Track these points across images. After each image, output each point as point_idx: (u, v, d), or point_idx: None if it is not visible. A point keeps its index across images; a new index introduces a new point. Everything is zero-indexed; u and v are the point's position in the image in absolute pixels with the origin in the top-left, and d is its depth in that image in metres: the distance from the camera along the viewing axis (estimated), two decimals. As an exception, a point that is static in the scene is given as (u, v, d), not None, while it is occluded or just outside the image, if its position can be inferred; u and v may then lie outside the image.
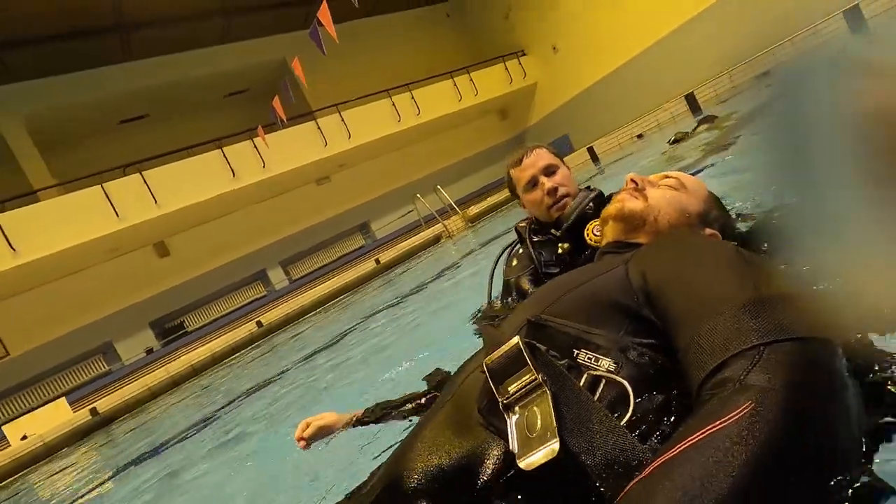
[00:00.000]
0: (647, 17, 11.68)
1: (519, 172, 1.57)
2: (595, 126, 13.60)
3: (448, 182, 15.40)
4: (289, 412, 2.54)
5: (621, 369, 0.61)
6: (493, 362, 0.64)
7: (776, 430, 0.41)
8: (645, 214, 0.92)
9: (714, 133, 3.61)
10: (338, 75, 14.48)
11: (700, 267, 0.64)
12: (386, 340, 3.01)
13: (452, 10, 17.31)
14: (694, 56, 10.35)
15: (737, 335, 0.49)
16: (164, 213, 9.56)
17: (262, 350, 6.84)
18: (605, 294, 0.70)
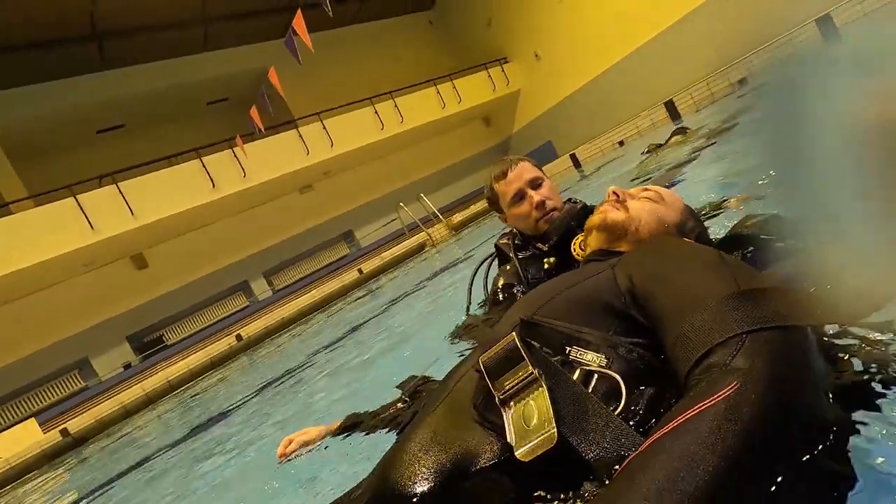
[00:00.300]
0: (627, 25, 11.79)
1: (504, 186, 1.53)
2: (578, 132, 13.68)
3: (433, 189, 15.38)
4: (268, 428, 2.48)
5: (612, 364, 0.64)
6: (489, 359, 0.66)
7: (760, 406, 0.45)
8: (627, 224, 0.97)
9: (687, 145, 3.62)
10: (320, 83, 14.41)
11: (684, 268, 0.68)
12: (367, 353, 2.97)
13: (435, 18, 17.36)
14: (674, 63, 10.47)
15: (720, 326, 0.54)
16: (141, 225, 9.35)
17: (241, 364, 6.70)
18: (594, 296, 0.73)
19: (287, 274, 13.12)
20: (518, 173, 1.52)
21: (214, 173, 10.17)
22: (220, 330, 9.42)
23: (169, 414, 5.53)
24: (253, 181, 10.74)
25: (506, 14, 14.92)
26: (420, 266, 7.61)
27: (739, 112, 4.00)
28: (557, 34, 13.75)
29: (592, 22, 12.64)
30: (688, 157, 3.07)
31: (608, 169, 7.30)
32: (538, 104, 15.47)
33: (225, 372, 6.66)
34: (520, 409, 0.61)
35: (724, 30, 9.02)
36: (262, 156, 10.88)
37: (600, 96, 13.22)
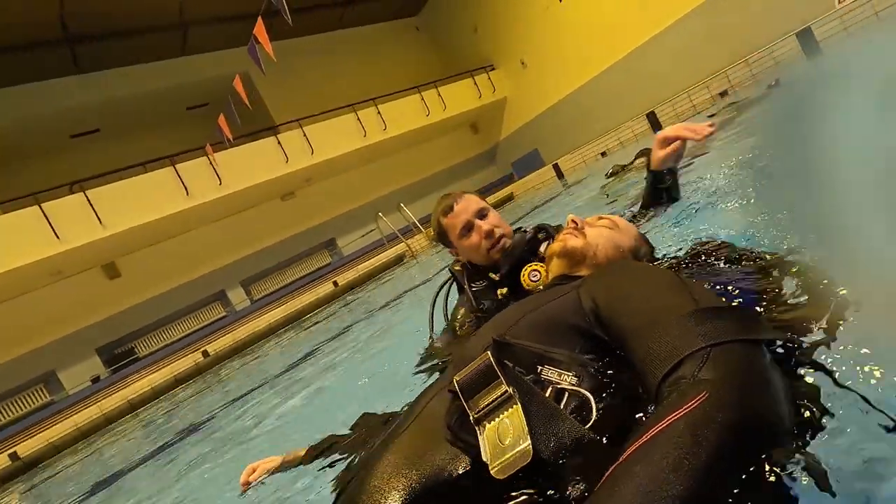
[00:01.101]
0: (612, 35, 11.71)
1: (452, 219, 1.53)
2: (565, 141, 13.58)
3: (420, 197, 15.19)
4: (230, 451, 2.36)
5: (582, 382, 0.66)
6: (462, 379, 0.67)
7: (729, 412, 0.48)
8: (585, 250, 1.03)
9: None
10: (304, 89, 14.19)
11: (645, 288, 0.71)
12: (335, 375, 2.89)
13: (422, 24, 17.22)
14: (658, 74, 10.38)
15: (685, 340, 0.57)
16: (110, 235, 9.05)
17: (208, 381, 6.44)
18: (560, 317, 0.76)
19: (266, 283, 12.83)
20: (464, 206, 1.52)
21: (188, 181, 9.90)
22: (195, 342, 9.13)
23: (126, 436, 5.26)
24: (229, 189, 10.47)
25: (492, 21, 14.82)
26: (400, 276, 7.40)
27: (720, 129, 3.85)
28: (544, 42, 13.66)
29: (578, 31, 12.57)
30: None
31: (597, 181, 7.14)
32: (525, 112, 15.37)
33: (189, 390, 6.41)
34: (494, 427, 0.62)
35: (705, 42, 8.93)
36: (238, 163, 10.62)
37: (586, 105, 13.12)
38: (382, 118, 12.88)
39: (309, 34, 14.67)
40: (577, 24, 12.57)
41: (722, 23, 8.49)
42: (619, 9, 11.31)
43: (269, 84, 13.90)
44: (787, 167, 1.76)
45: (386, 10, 15.89)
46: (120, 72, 11.71)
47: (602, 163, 9.00)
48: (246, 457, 2.04)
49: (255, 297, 12.54)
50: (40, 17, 9.50)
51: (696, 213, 1.62)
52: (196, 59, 12.64)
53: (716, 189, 1.83)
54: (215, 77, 13.21)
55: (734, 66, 6.93)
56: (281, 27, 13.79)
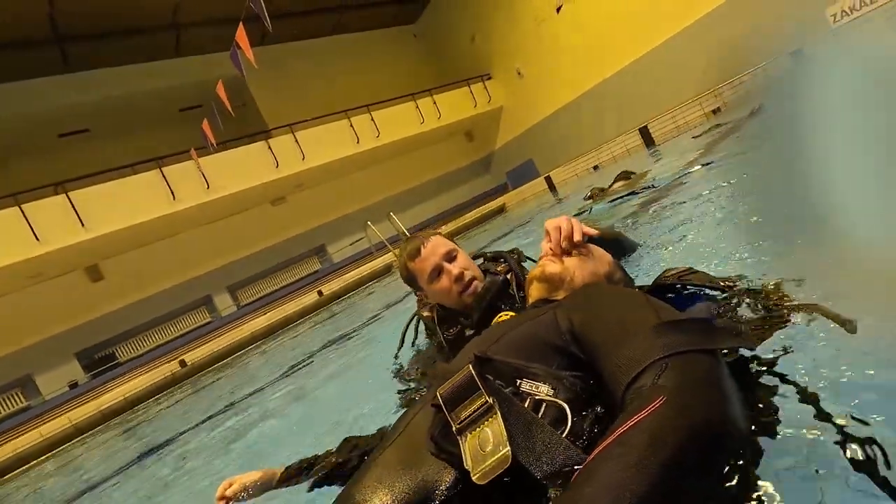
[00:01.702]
0: (608, 48, 11.69)
1: (420, 264, 1.47)
2: (559, 152, 13.52)
3: (414, 204, 15.09)
4: (207, 467, 2.29)
5: (558, 393, 0.70)
6: (446, 391, 0.71)
7: (686, 415, 0.51)
8: (563, 275, 1.08)
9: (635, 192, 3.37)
10: (298, 93, 14.09)
11: (615, 307, 0.77)
12: (316, 386, 2.84)
13: (419, 31, 17.18)
14: (652, 89, 10.33)
15: (646, 352, 0.61)
16: (92, 238, 8.87)
17: (184, 392, 6.26)
18: (538, 336, 0.80)
19: (254, 288, 12.65)
20: (431, 249, 1.46)
21: (175, 184, 9.74)
22: (176, 348, 8.94)
23: (99, 446, 5.07)
24: (217, 193, 10.32)
25: (490, 31, 14.80)
26: (388, 286, 7.26)
27: (704, 152, 3.76)
28: (540, 53, 13.64)
29: (575, 43, 12.55)
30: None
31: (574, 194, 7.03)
32: (520, 122, 15.31)
33: (165, 401, 6.22)
34: (475, 436, 0.64)
35: (700, 59, 8.88)
36: (228, 167, 10.48)
37: (580, 117, 13.07)
38: (376, 125, 12.78)
39: (305, 38, 14.60)
40: (574, 37, 12.55)
41: (716, 41, 8.44)
42: (615, 23, 11.29)
43: (264, 88, 13.81)
44: (767, 198, 1.85)
45: (384, 16, 15.85)
46: (111, 72, 11.59)
47: (594, 177, 8.91)
48: (224, 471, 2.00)
49: (242, 303, 12.36)
50: (29, 16, 9.38)
51: (671, 242, 1.67)
52: (189, 60, 12.52)
53: (692, 216, 1.84)
54: (208, 79, 13.05)
55: (727, 83, 6.86)
56: (276, 31, 13.76)
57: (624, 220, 2.68)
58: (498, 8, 14.14)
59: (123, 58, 11.57)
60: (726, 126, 4.73)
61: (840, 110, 2.03)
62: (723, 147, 3.62)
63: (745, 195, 2.13)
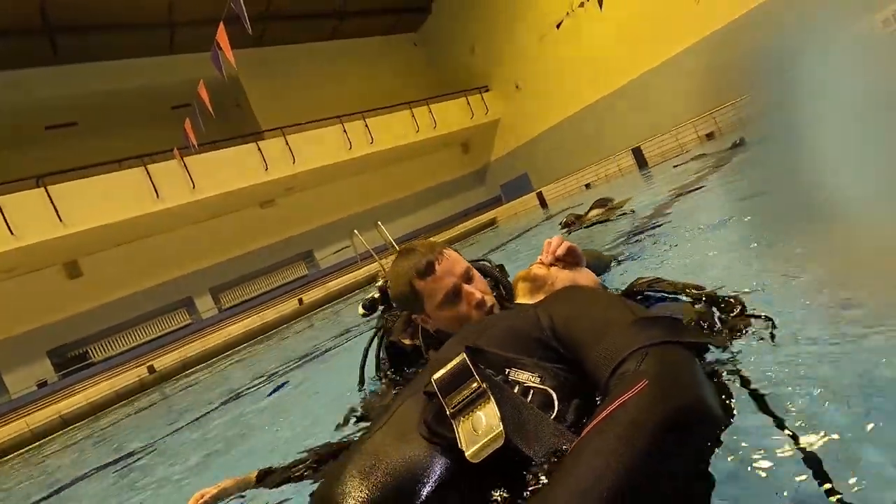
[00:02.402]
0: (606, 66, 11.68)
1: (432, 283, 1.20)
2: (554, 167, 13.45)
3: (407, 213, 14.93)
4: (175, 476, 2.18)
5: (545, 381, 0.76)
6: (441, 377, 0.75)
7: (666, 396, 0.57)
8: (545, 278, 1.18)
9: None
10: (294, 96, 13.95)
11: (593, 305, 0.85)
12: (288, 397, 2.74)
13: (420, 40, 17.14)
14: (647, 110, 10.27)
15: (627, 342, 0.68)
16: (69, 234, 8.63)
17: (151, 399, 6.02)
18: (521, 330, 0.87)
19: (237, 292, 12.40)
20: (448, 267, 1.21)
21: (160, 183, 9.54)
22: (144, 353, 8.68)
23: (57, 454, 4.83)
24: (203, 194, 10.12)
25: (490, 43, 14.78)
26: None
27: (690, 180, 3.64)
28: (539, 68, 13.62)
29: (574, 59, 12.55)
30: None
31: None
32: (516, 135, 15.26)
33: (131, 408, 5.98)
34: (469, 419, 0.68)
35: (696, 82, 8.83)
36: (215, 168, 10.29)
37: (576, 134, 13.02)
38: (370, 131, 12.66)
39: (304, 42, 14.51)
40: (573, 53, 12.54)
41: (713, 64, 8.39)
42: (614, 42, 11.28)
43: (259, 89, 13.67)
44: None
45: (385, 23, 15.80)
46: (103, 66, 11.41)
47: (586, 195, 8.79)
48: (195, 482, 1.93)
49: (224, 306, 12.10)
50: (20, 4, 9.20)
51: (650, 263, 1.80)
52: (183, 58, 12.36)
53: (669, 244, 1.95)
54: (202, 78, 12.94)
55: (722, 108, 6.77)
56: (275, 33, 13.66)
57: (605, 245, 2.56)
58: (499, 21, 14.13)
59: (116, 52, 11.40)
60: (707, 157, 4.68)
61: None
62: (705, 177, 3.52)
63: (722, 226, 2.10)
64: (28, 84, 10.67)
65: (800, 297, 1.04)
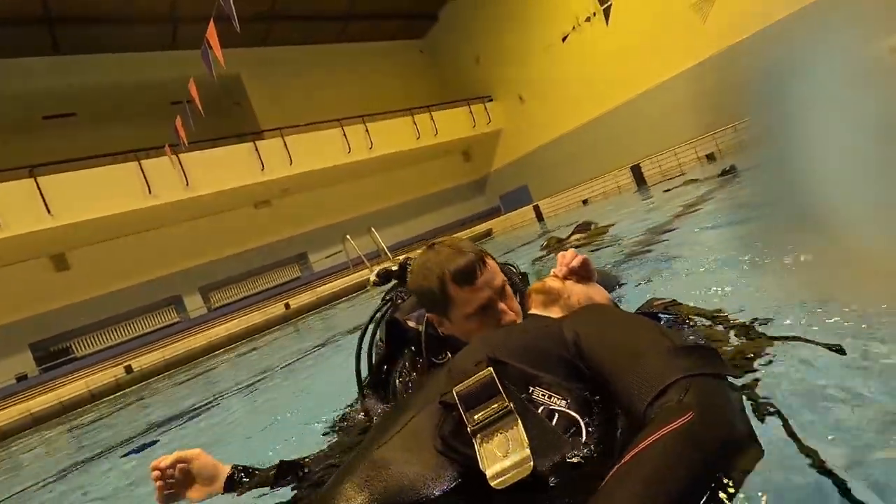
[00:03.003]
0: (610, 82, 11.61)
1: (469, 293, 1.09)
2: (554, 180, 13.35)
3: (405, 219, 14.81)
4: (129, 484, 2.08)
5: (571, 404, 0.72)
6: (464, 390, 0.71)
7: (712, 430, 0.58)
8: (560, 291, 1.14)
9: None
10: (296, 97, 13.87)
11: (625, 328, 0.82)
12: (264, 409, 2.62)
13: (426, 47, 17.11)
14: (648, 127, 10.18)
15: (667, 372, 0.66)
16: (57, 226, 8.49)
17: (129, 399, 5.85)
18: (544, 345, 0.83)
19: (227, 292, 12.24)
20: (489, 278, 1.11)
21: (153, 179, 9.41)
22: (131, 350, 8.52)
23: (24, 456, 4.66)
24: (197, 191, 9.99)
25: (495, 53, 14.73)
26: (362, 304, 6.92)
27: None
28: (543, 80, 13.57)
29: (578, 74, 12.50)
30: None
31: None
32: (518, 146, 15.18)
33: (105, 408, 5.81)
34: (492, 439, 0.65)
35: (699, 101, 8.74)
36: (210, 166, 10.17)
37: (576, 149, 12.94)
38: (370, 136, 12.55)
39: (309, 43, 14.45)
40: (577, 68, 12.49)
41: (716, 85, 8.29)
42: (618, 58, 11.21)
43: (260, 88, 13.60)
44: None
45: (391, 29, 15.77)
46: (103, 58, 11.34)
47: (583, 211, 8.66)
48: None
49: (213, 306, 11.94)
50: (20, -6, 9.13)
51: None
52: (185, 54, 12.25)
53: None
54: (203, 74, 12.85)
55: (723, 130, 6.66)
56: (280, 33, 13.61)
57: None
58: (506, 32, 14.10)
59: (117, 46, 11.33)
60: (699, 183, 4.61)
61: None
62: (694, 204, 3.41)
63: (708, 255, 2.07)
64: (27, 73, 10.58)
65: (805, 319, 1.02)
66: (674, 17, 10.00)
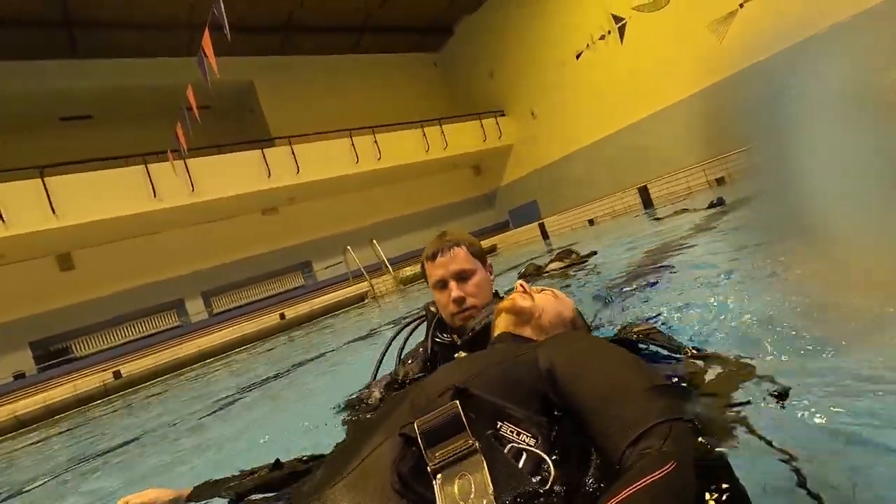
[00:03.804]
0: (623, 101, 11.46)
1: (430, 268, 1.46)
2: (562, 198, 13.18)
3: (413, 230, 14.72)
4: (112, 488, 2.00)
5: (540, 444, 0.67)
6: (427, 425, 0.66)
7: (690, 482, 0.57)
8: (532, 311, 1.10)
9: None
10: (308, 107, 13.94)
11: (604, 361, 0.77)
12: (247, 420, 2.56)
13: (441, 60, 17.15)
14: (660, 148, 9.97)
15: (647, 414, 0.64)
16: (61, 227, 8.56)
17: (115, 406, 5.78)
18: (518, 375, 0.78)
19: (230, 297, 12.22)
20: (446, 260, 1.42)
21: (158, 182, 9.46)
22: (140, 349, 8.47)
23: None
24: (202, 196, 10.02)
25: (509, 68, 14.69)
26: (354, 318, 6.78)
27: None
28: (556, 97, 13.46)
29: (591, 91, 12.39)
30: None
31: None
32: (528, 162, 15.04)
33: (92, 413, 5.74)
34: (453, 481, 0.61)
35: (711, 124, 8.52)
36: (217, 171, 10.21)
37: (587, 167, 12.78)
38: (378, 147, 12.52)
39: (324, 53, 14.56)
40: (590, 85, 12.37)
41: (728, 108, 8.07)
42: (631, 77, 11.06)
43: (273, 97, 13.70)
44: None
45: (407, 41, 15.84)
46: (121, 62, 11.53)
47: (588, 231, 8.45)
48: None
49: (215, 311, 11.92)
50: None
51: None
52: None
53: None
54: (219, 82, 12.99)
55: (734, 154, 6.43)
56: (295, 43, 13.73)
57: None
58: (520, 48, 14.06)
59: (134, 50, 11.52)
60: (690, 213, 4.46)
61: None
62: (684, 237, 3.24)
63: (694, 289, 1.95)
64: (46, 74, 10.79)
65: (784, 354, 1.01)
66: (690, 36, 9.83)
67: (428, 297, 1.60)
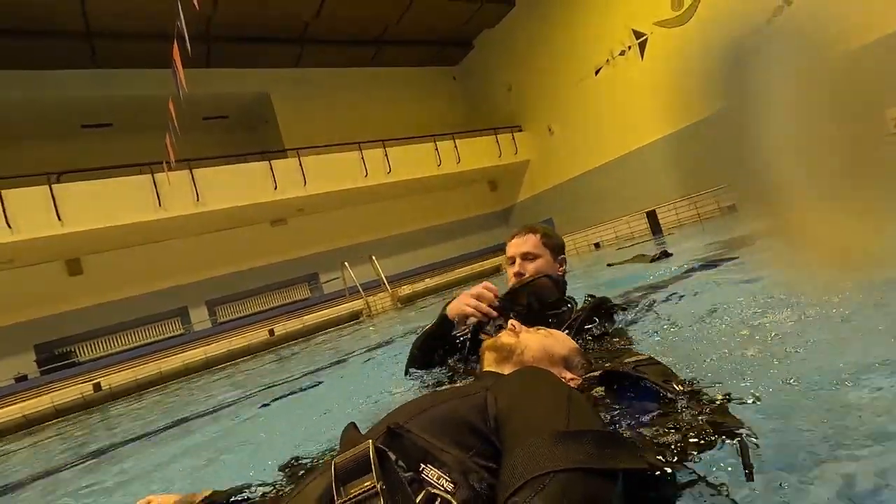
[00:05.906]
0: (641, 120, 10.97)
1: (508, 247, 1.78)
2: (576, 217, 12.72)
3: (425, 245, 14.51)
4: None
5: (458, 490, 0.64)
6: (341, 462, 0.66)
7: None
8: (513, 347, 1.09)
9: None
10: (322, 118, 13.96)
11: (532, 399, 0.73)
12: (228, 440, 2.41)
13: (459, 74, 17.01)
14: (672, 171, 9.45)
15: (534, 462, 0.58)
16: (68, 233, 8.68)
17: (94, 416, 5.69)
18: (464, 415, 0.75)
19: (235, 307, 12.22)
20: (519, 242, 1.73)
21: (164, 192, 9.52)
22: (149, 354, 8.46)
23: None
24: (207, 206, 10.04)
25: (527, 84, 14.40)
26: (349, 337, 6.54)
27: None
28: (573, 113, 13.09)
29: (610, 109, 11.99)
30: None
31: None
32: (545, 178, 14.64)
33: (65, 426, 5.66)
34: None
35: (726, 148, 7.98)
36: (223, 182, 10.22)
37: (601, 186, 12.30)
38: (388, 161, 12.38)
39: (341, 66, 14.60)
40: (608, 103, 11.96)
41: (744, 134, 7.56)
42: (650, 95, 10.56)
43: (289, 108, 13.77)
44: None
45: (426, 55, 15.76)
46: (139, 73, 11.77)
47: (593, 255, 8.01)
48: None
49: (219, 320, 11.92)
50: (61, 10, 9.60)
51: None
52: (218, 72, 12.62)
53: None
54: (235, 92, 13.20)
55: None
56: (313, 55, 13.81)
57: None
58: (539, 63, 13.77)
59: (152, 61, 11.75)
60: (643, 258, 4.06)
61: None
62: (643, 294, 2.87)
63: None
64: (68, 84, 11.10)
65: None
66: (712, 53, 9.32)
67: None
